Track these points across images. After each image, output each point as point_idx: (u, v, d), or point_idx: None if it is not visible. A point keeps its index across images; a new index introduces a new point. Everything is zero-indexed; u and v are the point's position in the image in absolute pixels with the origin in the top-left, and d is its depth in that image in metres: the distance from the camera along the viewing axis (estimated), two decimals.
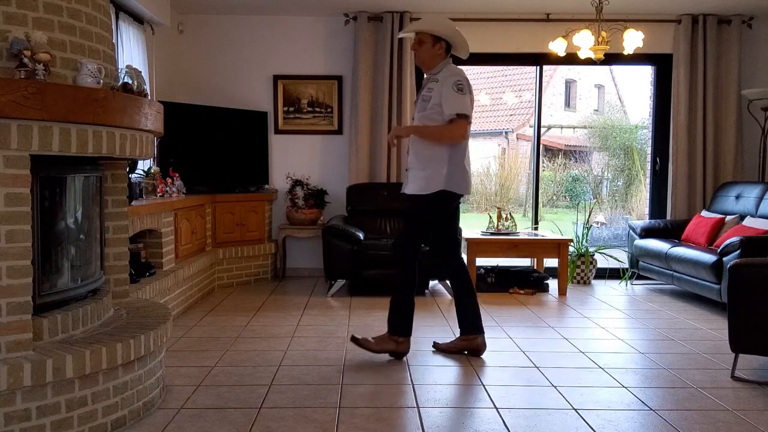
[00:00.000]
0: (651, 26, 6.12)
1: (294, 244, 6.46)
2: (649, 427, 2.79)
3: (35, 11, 2.49)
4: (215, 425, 2.75)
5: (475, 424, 2.81)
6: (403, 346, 3.72)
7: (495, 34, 6.26)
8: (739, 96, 6.11)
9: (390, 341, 3.71)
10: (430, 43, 3.62)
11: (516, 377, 3.46)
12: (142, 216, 4.13)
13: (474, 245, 5.70)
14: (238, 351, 3.86)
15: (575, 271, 6.24)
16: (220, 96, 6.33)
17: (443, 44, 3.63)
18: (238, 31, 6.37)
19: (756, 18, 6.20)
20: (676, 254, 5.39)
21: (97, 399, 2.58)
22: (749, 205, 5.56)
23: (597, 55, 5.28)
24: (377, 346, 3.71)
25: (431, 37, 3.61)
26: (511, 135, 16.55)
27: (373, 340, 3.74)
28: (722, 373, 3.53)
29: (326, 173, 6.45)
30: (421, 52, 3.67)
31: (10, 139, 2.28)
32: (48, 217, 2.64)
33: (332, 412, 2.90)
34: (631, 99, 17.37)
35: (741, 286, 3.36)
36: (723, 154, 6.21)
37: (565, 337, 4.27)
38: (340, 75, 6.39)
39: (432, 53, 3.63)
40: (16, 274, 2.35)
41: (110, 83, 2.82)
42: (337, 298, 5.45)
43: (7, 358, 2.33)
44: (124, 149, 2.73)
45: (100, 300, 2.92)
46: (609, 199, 13.29)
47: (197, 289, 5.22)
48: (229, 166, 6.09)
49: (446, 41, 3.63)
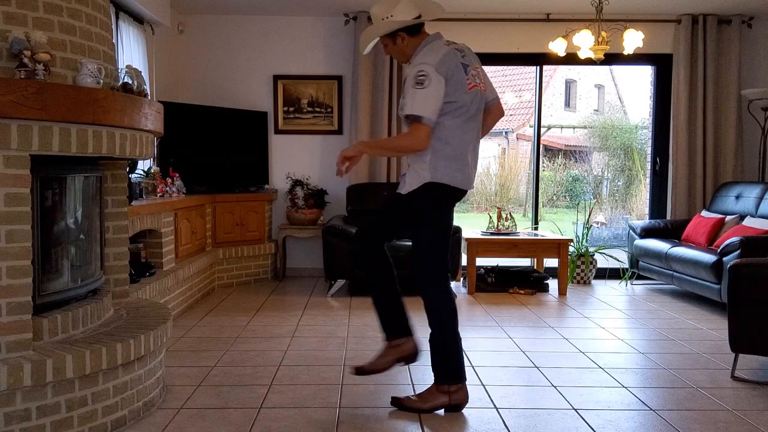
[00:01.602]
0: (651, 26, 6.12)
1: (294, 244, 6.46)
2: (649, 427, 2.79)
3: (35, 11, 2.49)
4: (215, 425, 2.75)
5: (475, 424, 2.81)
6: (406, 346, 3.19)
7: (495, 34, 6.26)
8: (739, 96, 6.11)
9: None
10: (390, 42, 3.06)
11: (516, 377, 3.46)
12: (142, 216, 4.13)
13: (474, 245, 5.70)
14: (238, 351, 3.86)
15: (575, 271, 6.24)
16: (220, 96, 6.33)
17: (402, 34, 3.01)
18: (238, 31, 6.37)
19: (756, 18, 6.20)
20: (676, 254, 5.39)
21: (97, 399, 2.58)
22: (749, 205, 5.56)
23: (597, 55, 5.28)
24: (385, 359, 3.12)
25: (386, 38, 3.06)
26: (511, 135, 16.55)
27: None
28: (722, 373, 3.53)
29: (326, 173, 6.45)
30: (393, 54, 3.16)
31: (10, 139, 2.28)
32: (48, 217, 2.64)
33: (332, 412, 2.90)
34: (631, 99, 17.38)
35: (741, 286, 3.36)
36: (723, 154, 6.21)
37: (565, 337, 4.27)
38: (340, 75, 6.39)
39: (399, 49, 3.06)
40: (16, 274, 2.35)
41: (110, 83, 2.83)
42: (337, 298, 5.45)
43: (7, 358, 2.33)
44: (124, 149, 2.73)
45: (100, 300, 2.92)
46: (609, 199, 13.29)
47: (197, 289, 5.22)
48: (229, 166, 6.09)
49: (402, 29, 3.00)
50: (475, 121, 3.04)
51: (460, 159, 2.99)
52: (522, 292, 5.73)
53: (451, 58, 2.95)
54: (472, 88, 2.98)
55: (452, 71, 2.93)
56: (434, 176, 2.94)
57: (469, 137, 3.02)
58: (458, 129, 2.98)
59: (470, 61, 3.02)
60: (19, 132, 2.30)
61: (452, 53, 2.97)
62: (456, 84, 2.93)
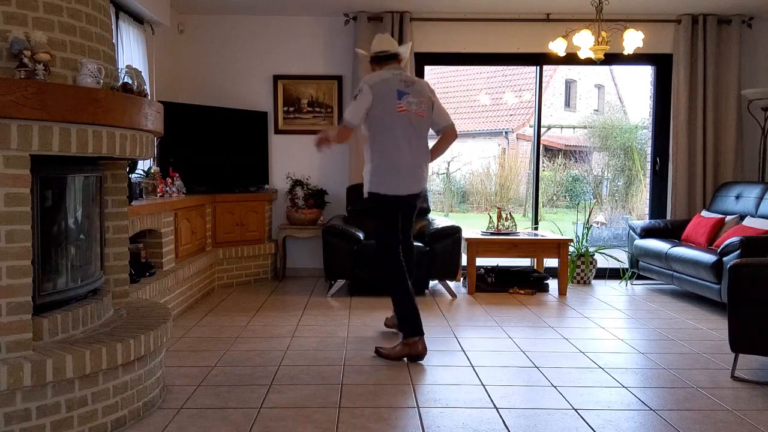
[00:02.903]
0: (651, 26, 6.12)
1: (294, 244, 6.46)
2: (649, 427, 2.79)
3: (35, 11, 2.49)
4: (215, 425, 2.75)
5: (475, 424, 2.81)
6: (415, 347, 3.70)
7: (495, 34, 6.26)
8: (739, 96, 6.11)
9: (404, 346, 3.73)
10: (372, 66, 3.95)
11: (516, 377, 3.46)
12: (142, 216, 4.13)
13: (474, 245, 5.70)
14: (238, 351, 3.86)
15: (575, 271, 6.24)
16: (220, 96, 6.33)
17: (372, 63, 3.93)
18: (238, 31, 6.37)
19: (756, 18, 6.20)
20: (676, 254, 5.39)
21: (97, 399, 2.58)
22: (749, 205, 5.56)
23: (597, 55, 5.28)
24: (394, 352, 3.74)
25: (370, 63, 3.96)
26: (511, 135, 16.54)
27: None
28: (722, 373, 3.53)
29: (326, 173, 6.45)
30: None
31: (10, 139, 2.28)
32: (48, 217, 2.64)
33: (332, 412, 2.90)
34: (631, 99, 17.38)
35: (741, 286, 3.36)
36: (723, 154, 6.21)
37: (565, 337, 4.27)
38: (340, 75, 6.39)
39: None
40: (16, 274, 2.35)
41: (110, 83, 2.83)
42: (337, 298, 5.45)
43: (7, 358, 2.33)
44: (124, 149, 2.73)
45: (100, 300, 2.92)
46: (609, 199, 13.29)
47: (197, 289, 5.22)
48: (229, 166, 6.09)
49: (371, 59, 3.93)
50: (415, 141, 3.76)
51: (393, 171, 3.74)
52: (522, 292, 5.73)
53: (387, 84, 3.73)
54: (402, 112, 3.72)
55: (384, 93, 3.71)
56: (370, 187, 3.79)
57: (405, 154, 3.74)
58: (393, 146, 3.73)
59: (413, 91, 3.76)
60: (19, 132, 2.30)
61: (392, 80, 3.75)
62: (385, 105, 3.70)
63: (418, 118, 3.78)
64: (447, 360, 3.75)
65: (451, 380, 3.40)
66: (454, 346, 4.02)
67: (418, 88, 3.81)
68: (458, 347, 4.00)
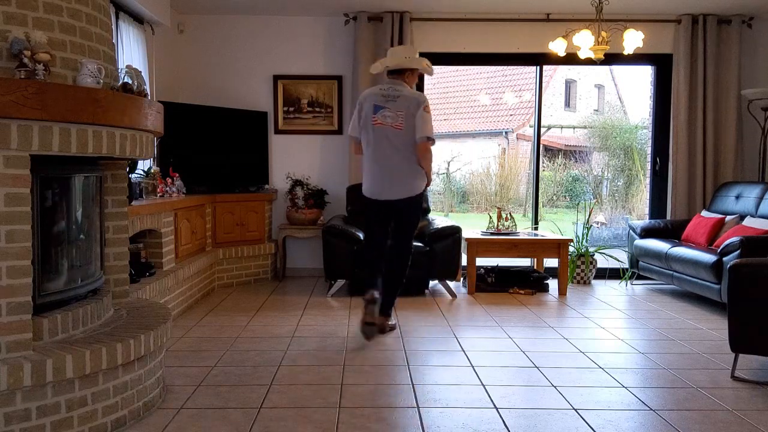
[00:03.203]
0: (651, 26, 6.12)
1: (294, 244, 6.46)
2: (649, 427, 2.79)
3: (35, 11, 2.49)
4: (215, 425, 2.75)
5: (475, 424, 2.81)
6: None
7: (495, 34, 6.26)
8: (739, 96, 6.11)
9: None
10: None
11: (516, 377, 3.46)
12: (142, 216, 4.13)
13: (474, 245, 5.70)
14: (238, 351, 3.86)
15: (575, 271, 6.24)
16: (220, 96, 6.33)
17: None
18: (238, 31, 6.37)
19: (756, 18, 6.20)
20: (676, 254, 5.39)
21: (97, 399, 2.58)
22: (749, 205, 5.56)
23: (597, 55, 5.28)
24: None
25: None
26: (511, 135, 16.53)
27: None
28: (722, 373, 3.53)
29: (326, 173, 6.45)
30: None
31: (10, 139, 2.28)
32: (48, 217, 2.64)
33: (332, 412, 2.90)
34: (631, 99, 17.38)
35: (741, 286, 3.36)
36: (723, 154, 6.21)
37: (565, 337, 4.27)
38: (340, 75, 6.39)
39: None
40: (16, 274, 2.35)
41: (110, 83, 2.83)
42: (337, 298, 5.45)
43: (7, 358, 2.33)
44: (124, 149, 2.73)
45: (100, 300, 2.92)
46: (609, 199, 13.29)
47: (197, 289, 5.22)
48: (229, 166, 6.09)
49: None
50: (391, 152, 4.05)
51: (369, 177, 4.17)
52: (522, 292, 5.73)
53: (370, 97, 4.12)
54: (377, 125, 4.06)
55: (364, 106, 4.13)
56: (363, 187, 4.23)
57: (381, 163, 4.08)
58: (370, 156, 4.13)
59: (393, 105, 4.03)
60: (19, 132, 2.30)
61: (375, 94, 4.11)
62: (365, 118, 4.11)
63: (395, 130, 4.04)
64: (447, 360, 3.75)
65: (451, 380, 3.40)
66: (454, 346, 4.02)
67: (401, 102, 4.05)
68: (458, 347, 4.00)
